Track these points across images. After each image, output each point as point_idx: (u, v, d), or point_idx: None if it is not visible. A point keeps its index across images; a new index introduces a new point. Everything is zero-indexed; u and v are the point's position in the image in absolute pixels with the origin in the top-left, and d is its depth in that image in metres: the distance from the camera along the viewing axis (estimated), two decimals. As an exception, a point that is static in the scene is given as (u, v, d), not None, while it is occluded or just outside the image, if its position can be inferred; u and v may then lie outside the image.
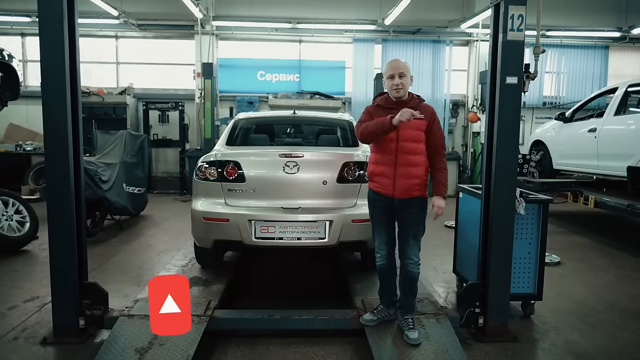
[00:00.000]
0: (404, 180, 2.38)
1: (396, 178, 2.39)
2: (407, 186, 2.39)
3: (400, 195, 2.40)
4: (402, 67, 2.42)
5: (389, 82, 2.43)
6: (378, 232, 2.55)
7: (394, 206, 2.45)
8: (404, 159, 2.38)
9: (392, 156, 2.39)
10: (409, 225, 2.46)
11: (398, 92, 2.42)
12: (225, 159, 3.07)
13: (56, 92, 2.42)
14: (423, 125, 2.41)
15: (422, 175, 2.42)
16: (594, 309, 3.21)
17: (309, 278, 3.95)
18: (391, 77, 2.42)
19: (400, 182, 2.39)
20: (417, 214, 2.45)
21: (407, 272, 2.49)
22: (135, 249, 4.73)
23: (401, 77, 2.40)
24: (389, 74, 2.43)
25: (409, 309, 2.56)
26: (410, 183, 2.39)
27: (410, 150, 2.38)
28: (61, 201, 2.47)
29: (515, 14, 2.55)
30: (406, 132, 2.37)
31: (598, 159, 5.10)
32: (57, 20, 2.37)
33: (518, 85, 2.60)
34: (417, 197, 2.43)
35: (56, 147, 2.45)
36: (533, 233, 3.02)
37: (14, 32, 8.93)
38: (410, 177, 2.39)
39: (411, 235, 2.46)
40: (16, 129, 8.78)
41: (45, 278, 3.48)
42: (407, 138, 2.38)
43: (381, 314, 2.61)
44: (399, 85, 2.40)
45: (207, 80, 8.25)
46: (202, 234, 3.08)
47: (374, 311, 2.63)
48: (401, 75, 2.40)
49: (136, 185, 5.78)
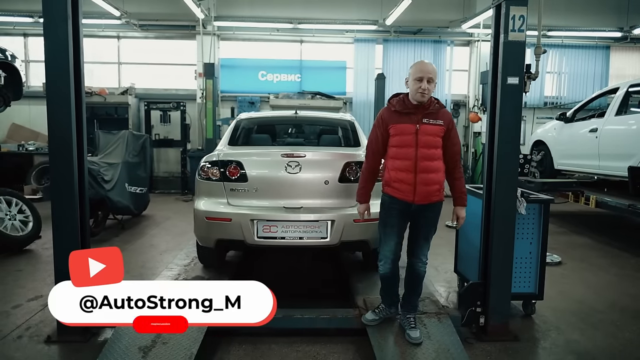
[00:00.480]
0: (424, 186, 2.36)
1: (417, 185, 2.35)
2: (427, 192, 2.37)
3: (420, 201, 2.38)
4: (432, 71, 2.35)
5: (415, 85, 2.34)
6: (390, 236, 2.47)
7: (411, 211, 2.43)
8: (424, 165, 2.35)
9: (412, 162, 2.35)
10: (423, 228, 2.47)
11: (423, 96, 2.34)
12: (227, 159, 3.08)
13: (61, 93, 2.44)
14: (441, 132, 2.39)
15: (441, 180, 2.42)
16: (595, 309, 3.22)
17: (310, 277, 3.96)
18: (419, 79, 2.33)
19: (420, 189, 2.36)
20: (434, 218, 2.47)
21: (415, 271, 2.49)
22: (138, 248, 4.75)
23: (429, 82, 2.34)
24: (417, 76, 2.34)
25: (412, 308, 2.58)
26: (430, 189, 2.37)
27: (430, 156, 2.36)
28: (65, 201, 2.49)
29: (516, 15, 2.56)
30: (425, 138, 2.35)
31: (599, 159, 5.10)
32: (62, 20, 2.38)
33: (519, 86, 2.61)
34: (436, 202, 2.43)
35: (60, 147, 2.46)
36: (534, 233, 3.03)
37: (16, 33, 8.97)
38: (430, 183, 2.37)
39: (423, 237, 2.48)
40: (19, 129, 8.82)
41: (49, 277, 3.50)
42: (426, 144, 2.35)
43: (383, 313, 2.62)
44: (425, 91, 2.33)
45: (209, 81, 8.28)
46: (205, 234, 3.10)
47: (376, 310, 2.63)
48: (430, 80, 2.33)
49: (138, 185, 5.80)
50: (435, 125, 2.37)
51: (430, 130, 2.36)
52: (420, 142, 2.34)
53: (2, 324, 2.81)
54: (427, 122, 2.37)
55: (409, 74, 2.41)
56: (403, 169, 2.38)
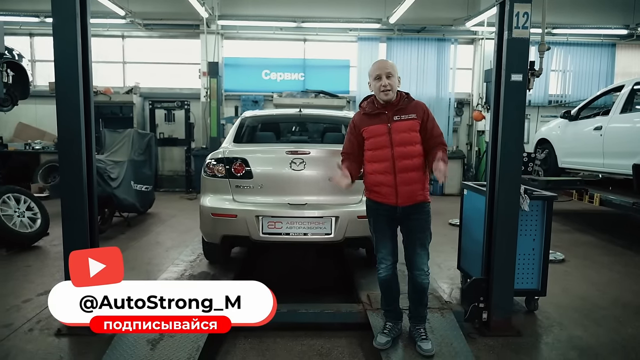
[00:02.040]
0: (406, 186, 2.27)
1: (398, 186, 2.26)
2: (410, 192, 2.28)
3: (403, 202, 2.28)
4: (389, 66, 2.28)
5: (376, 84, 2.28)
6: (383, 242, 2.38)
7: (397, 214, 2.33)
8: (402, 164, 2.25)
9: (389, 163, 2.26)
10: (414, 233, 2.35)
11: (387, 94, 2.27)
12: (233, 156, 3.12)
13: (70, 91, 2.47)
14: (416, 126, 2.28)
15: (423, 178, 2.32)
16: (598, 305, 3.23)
17: (314, 273, 4.00)
18: (378, 77, 2.27)
19: (402, 189, 2.26)
20: (423, 220, 2.34)
21: (417, 283, 2.36)
22: (144, 245, 4.80)
23: (389, 78, 2.25)
24: (375, 75, 2.28)
25: (420, 319, 2.45)
26: (413, 189, 2.28)
27: (407, 154, 2.26)
28: (74, 198, 2.53)
29: (520, 12, 2.57)
30: (400, 136, 2.25)
31: (604, 157, 5.08)
32: (71, 19, 2.42)
33: (523, 83, 2.62)
34: (421, 202, 2.33)
35: (69, 145, 2.50)
36: (537, 229, 3.04)
37: (22, 32, 9.05)
38: (411, 182, 2.27)
39: (418, 243, 2.34)
40: (25, 128, 8.91)
41: (57, 273, 3.56)
42: (401, 142, 2.25)
43: (393, 332, 2.46)
44: (387, 87, 2.25)
45: (213, 79, 8.32)
46: (211, 230, 3.14)
47: (385, 331, 2.45)
48: (389, 75, 2.25)
49: (144, 183, 5.86)
50: (407, 121, 2.27)
51: (403, 126, 2.27)
52: (395, 141, 2.25)
53: (14, 317, 2.87)
54: (398, 119, 2.28)
55: (369, 76, 2.35)
56: (381, 171, 2.29)
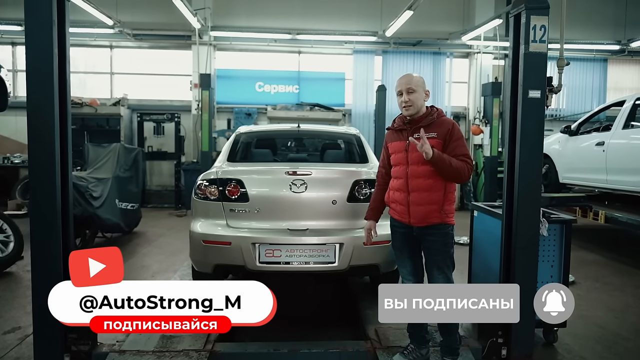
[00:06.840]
0: (419, 206, 2.20)
1: (410, 205, 2.22)
2: (423, 213, 2.20)
3: (416, 222, 2.23)
4: (410, 81, 2.23)
5: (398, 100, 2.28)
6: (402, 261, 2.38)
7: (414, 234, 2.28)
8: (416, 183, 2.20)
9: (404, 180, 2.24)
10: (431, 255, 2.28)
11: (407, 109, 2.24)
12: (227, 177, 2.87)
13: (43, 101, 2.21)
14: (437, 146, 2.18)
15: (439, 200, 2.21)
16: (618, 335, 3.04)
17: (314, 300, 3.71)
18: (399, 93, 2.26)
19: (415, 209, 2.21)
20: (439, 243, 2.24)
21: None
22: (128, 269, 4.40)
23: (410, 93, 2.20)
24: (397, 90, 2.28)
25: (448, 351, 2.31)
26: (427, 210, 2.19)
27: (421, 173, 2.19)
28: (45, 225, 2.24)
29: (537, 25, 2.43)
30: (415, 154, 2.18)
31: (607, 173, 4.98)
32: (46, 25, 2.18)
33: (541, 99, 2.46)
34: (436, 224, 2.22)
35: (42, 160, 2.22)
36: (555, 255, 2.85)
37: (4, 41, 8.72)
38: (424, 202, 2.19)
39: (435, 267, 2.25)
40: (4, 140, 8.51)
41: (29, 304, 3.18)
42: (416, 160, 2.19)
43: (413, 355, 2.34)
44: (407, 102, 2.22)
45: (205, 92, 8.07)
46: (202, 258, 2.86)
47: (405, 352, 2.35)
48: (409, 91, 2.21)
49: (129, 201, 5.53)
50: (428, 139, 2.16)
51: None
52: (410, 159, 2.21)
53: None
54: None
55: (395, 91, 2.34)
56: (397, 188, 2.29)
